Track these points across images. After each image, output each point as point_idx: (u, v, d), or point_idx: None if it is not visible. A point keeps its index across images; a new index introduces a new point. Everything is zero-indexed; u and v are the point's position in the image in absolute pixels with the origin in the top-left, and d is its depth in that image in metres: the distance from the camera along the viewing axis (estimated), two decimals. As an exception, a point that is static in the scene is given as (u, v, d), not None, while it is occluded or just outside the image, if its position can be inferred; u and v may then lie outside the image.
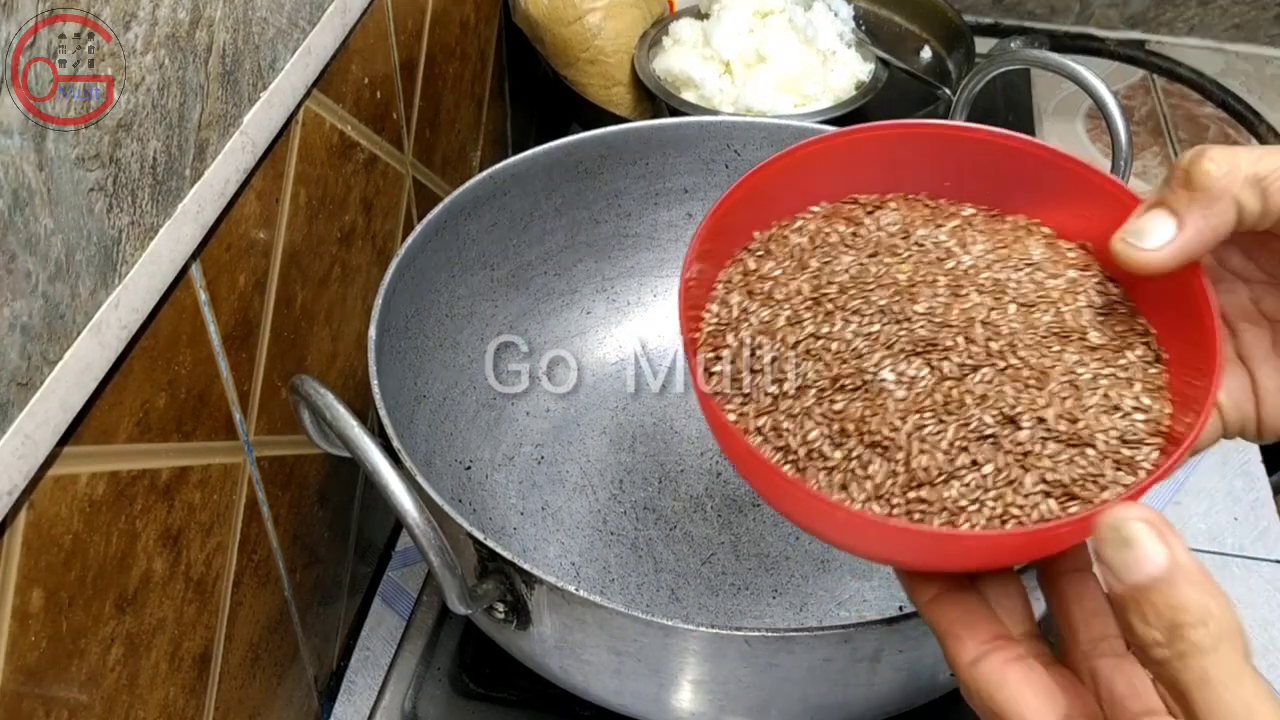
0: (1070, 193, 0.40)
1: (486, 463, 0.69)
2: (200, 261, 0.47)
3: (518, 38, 0.90)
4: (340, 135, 0.61)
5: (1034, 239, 0.41)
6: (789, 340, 0.38)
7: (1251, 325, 0.39)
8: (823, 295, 0.39)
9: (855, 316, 0.38)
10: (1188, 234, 0.33)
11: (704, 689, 0.49)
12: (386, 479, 0.43)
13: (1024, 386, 0.36)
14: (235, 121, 0.48)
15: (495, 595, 0.48)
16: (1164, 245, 0.34)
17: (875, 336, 0.37)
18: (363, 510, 0.71)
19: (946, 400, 0.36)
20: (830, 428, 0.36)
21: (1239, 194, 0.33)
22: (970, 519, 0.34)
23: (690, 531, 0.67)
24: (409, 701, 0.62)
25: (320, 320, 0.61)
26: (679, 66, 0.88)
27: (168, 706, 0.49)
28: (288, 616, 0.61)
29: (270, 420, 0.55)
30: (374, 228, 0.67)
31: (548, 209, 0.70)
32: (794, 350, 0.38)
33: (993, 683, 0.32)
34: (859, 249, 0.41)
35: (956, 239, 0.41)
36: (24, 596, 0.38)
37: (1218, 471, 0.80)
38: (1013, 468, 0.34)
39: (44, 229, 0.36)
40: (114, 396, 0.42)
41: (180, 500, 0.48)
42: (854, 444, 0.35)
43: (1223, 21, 1.16)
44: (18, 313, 0.36)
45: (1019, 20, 1.20)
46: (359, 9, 0.60)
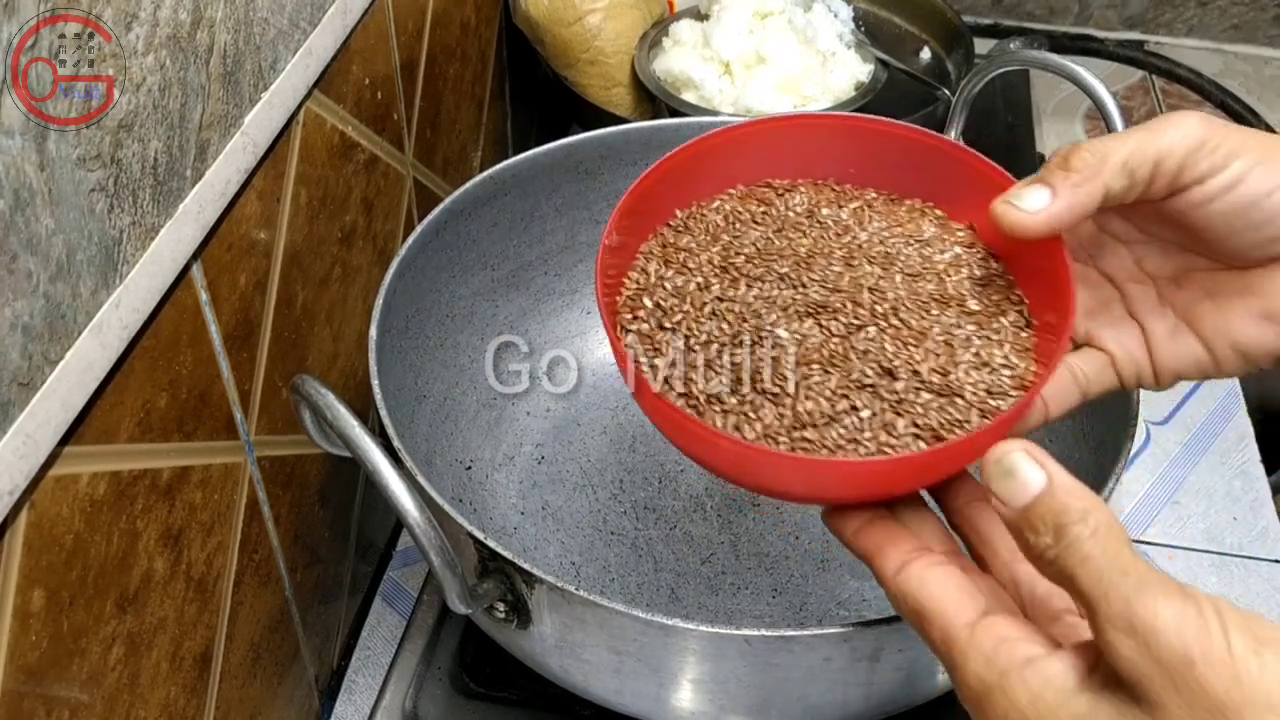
0: (963, 181, 0.45)
1: (487, 462, 0.69)
2: (201, 261, 0.47)
3: (518, 39, 0.90)
4: (341, 136, 0.61)
5: (926, 219, 0.46)
6: (696, 302, 0.43)
7: (1137, 284, 0.43)
8: (730, 264, 0.44)
9: (758, 283, 0.43)
10: (1058, 205, 0.38)
11: (704, 688, 0.49)
12: (387, 479, 0.43)
13: (903, 344, 0.41)
14: (236, 122, 0.48)
15: (495, 595, 0.48)
16: (1039, 210, 0.38)
17: (774, 300, 0.42)
18: (363, 510, 0.71)
19: (832, 355, 0.40)
20: (729, 377, 0.40)
21: (1107, 178, 0.38)
22: (848, 455, 0.38)
23: (690, 531, 0.67)
24: (409, 701, 0.62)
25: (321, 320, 0.61)
26: (679, 67, 0.88)
27: (168, 706, 0.49)
28: (288, 616, 0.61)
29: (271, 420, 0.55)
30: (375, 228, 0.68)
31: (548, 209, 0.71)
32: (701, 311, 0.42)
33: (914, 582, 0.36)
34: (767, 225, 0.46)
35: (856, 218, 0.46)
36: (25, 596, 0.38)
37: (1216, 471, 0.80)
38: (888, 413, 0.39)
39: (45, 229, 0.37)
40: (115, 396, 0.42)
41: (181, 500, 0.48)
42: (748, 391, 0.40)
43: (1221, 22, 1.16)
44: (19, 313, 0.36)
45: (1018, 21, 1.20)
46: (360, 10, 0.60)
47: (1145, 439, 0.83)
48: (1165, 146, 0.38)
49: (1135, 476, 0.80)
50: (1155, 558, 0.75)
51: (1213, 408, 0.85)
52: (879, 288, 0.42)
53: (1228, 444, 0.82)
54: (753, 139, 0.47)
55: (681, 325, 0.42)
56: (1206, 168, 0.38)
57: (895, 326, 0.41)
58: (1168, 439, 0.83)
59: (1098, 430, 0.59)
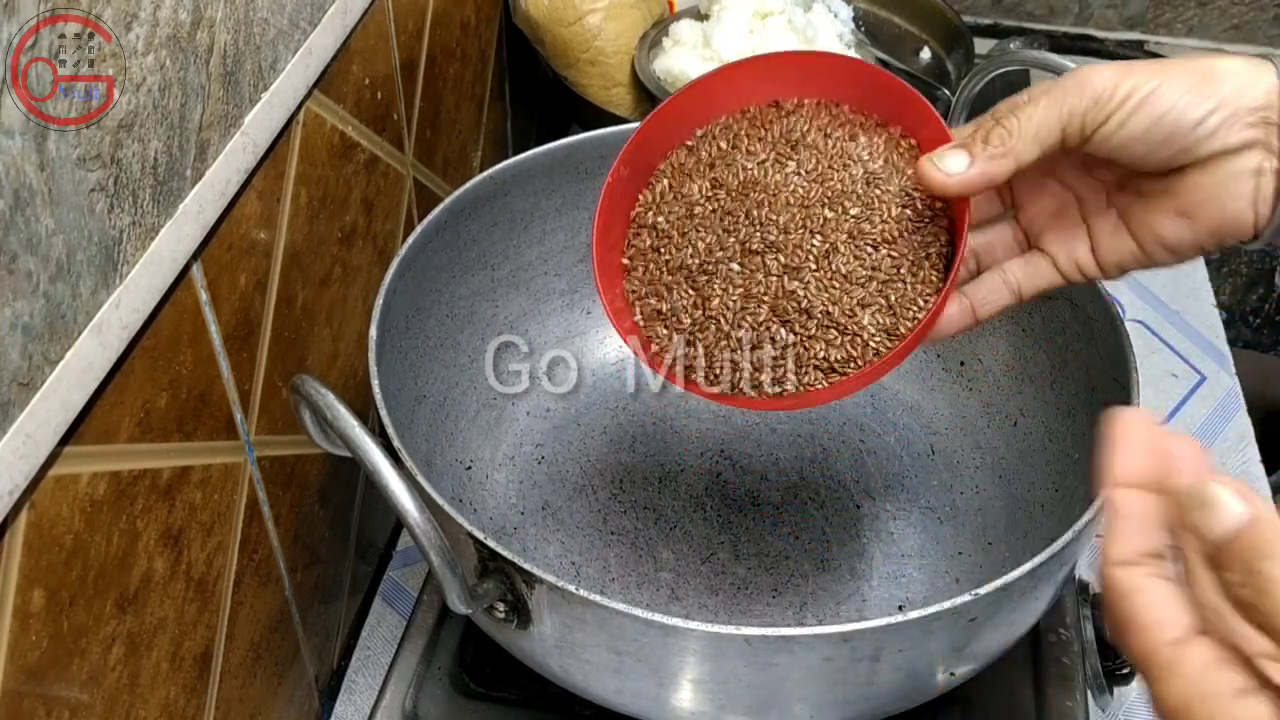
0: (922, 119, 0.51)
1: (487, 462, 0.69)
2: (201, 261, 0.47)
3: (518, 39, 0.90)
4: (341, 136, 0.61)
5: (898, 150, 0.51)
6: (682, 229, 0.51)
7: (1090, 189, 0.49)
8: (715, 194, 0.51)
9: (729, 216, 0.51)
10: (973, 172, 0.45)
11: (704, 688, 0.49)
12: (387, 479, 0.43)
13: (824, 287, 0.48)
14: (236, 122, 0.48)
15: (495, 595, 0.48)
16: (955, 174, 0.45)
17: (738, 234, 0.50)
18: (363, 510, 0.71)
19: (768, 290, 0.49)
20: (688, 300, 0.50)
21: (1019, 152, 0.45)
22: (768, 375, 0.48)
23: (690, 531, 0.67)
24: (409, 701, 0.62)
25: (321, 320, 0.61)
26: (679, 67, 0.88)
27: (168, 706, 0.49)
28: (288, 616, 0.61)
29: (271, 420, 0.55)
30: (375, 228, 0.68)
31: (548, 209, 0.71)
32: (684, 238, 0.51)
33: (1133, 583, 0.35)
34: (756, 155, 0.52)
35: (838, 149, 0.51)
36: (25, 596, 0.38)
37: (1217, 471, 0.80)
38: (798, 346, 0.48)
39: (45, 229, 0.37)
40: (115, 396, 0.42)
41: (181, 500, 0.48)
42: (700, 314, 0.49)
43: (1221, 22, 1.16)
44: (19, 313, 0.36)
45: (1018, 21, 1.20)
46: (360, 10, 0.60)
47: (1145, 439, 0.83)
48: (1067, 113, 0.44)
49: (1135, 476, 0.80)
50: (1155, 558, 0.75)
51: (1213, 408, 0.85)
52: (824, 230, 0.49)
53: (1228, 444, 0.82)
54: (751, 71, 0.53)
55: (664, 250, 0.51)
56: (1106, 114, 0.44)
57: (825, 270, 0.49)
58: (1168, 439, 0.83)
59: (1098, 430, 0.59)
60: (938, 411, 0.72)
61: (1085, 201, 0.50)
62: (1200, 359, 0.89)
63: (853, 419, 0.73)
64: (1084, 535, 0.49)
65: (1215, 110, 0.43)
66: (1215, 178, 0.45)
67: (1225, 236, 0.46)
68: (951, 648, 0.49)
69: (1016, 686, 0.62)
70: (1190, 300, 0.94)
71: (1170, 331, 0.91)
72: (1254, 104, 0.43)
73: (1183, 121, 0.43)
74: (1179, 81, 0.44)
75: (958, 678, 0.52)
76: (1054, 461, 0.63)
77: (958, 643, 0.49)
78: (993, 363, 0.70)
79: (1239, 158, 0.44)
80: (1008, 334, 0.68)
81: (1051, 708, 0.61)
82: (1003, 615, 0.49)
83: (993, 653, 0.53)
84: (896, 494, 0.69)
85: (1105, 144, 0.45)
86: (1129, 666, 0.63)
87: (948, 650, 0.49)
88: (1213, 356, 0.89)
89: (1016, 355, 0.68)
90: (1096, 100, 0.44)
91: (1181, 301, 0.94)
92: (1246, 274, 1.23)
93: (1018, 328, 0.68)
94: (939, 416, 0.72)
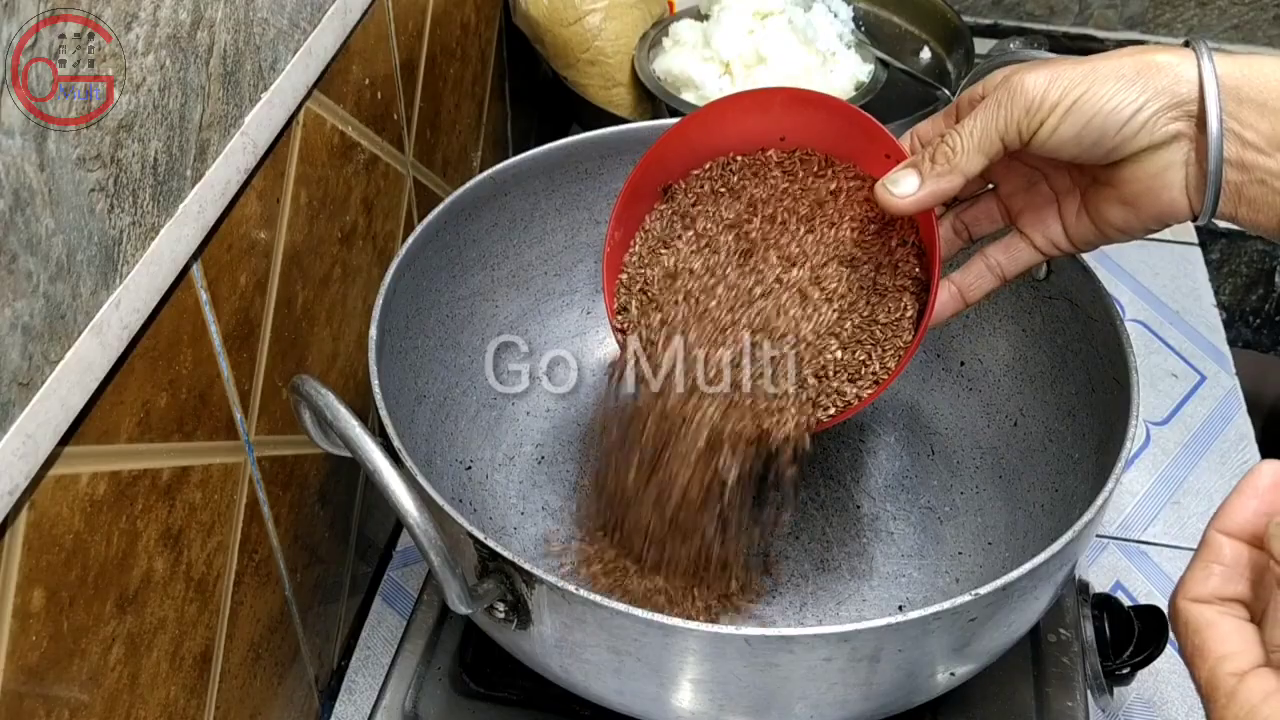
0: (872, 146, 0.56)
1: (487, 462, 0.69)
2: (201, 262, 0.47)
3: (518, 39, 0.90)
4: (341, 136, 0.61)
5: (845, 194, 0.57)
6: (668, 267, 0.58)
7: (1055, 170, 0.52)
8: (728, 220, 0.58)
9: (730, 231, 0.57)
10: (923, 192, 0.49)
11: (704, 688, 0.49)
12: (387, 479, 0.43)
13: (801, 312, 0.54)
14: (236, 122, 0.48)
15: (495, 595, 0.48)
16: (907, 196, 0.49)
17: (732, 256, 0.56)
18: (363, 510, 0.71)
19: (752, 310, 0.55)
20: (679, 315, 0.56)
21: (964, 167, 0.48)
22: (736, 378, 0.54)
23: (690, 531, 0.67)
24: (409, 701, 0.62)
25: (321, 320, 0.61)
26: (679, 67, 0.88)
27: (168, 706, 0.49)
28: (288, 616, 0.61)
29: (271, 420, 0.56)
30: (375, 228, 0.68)
31: (548, 209, 0.71)
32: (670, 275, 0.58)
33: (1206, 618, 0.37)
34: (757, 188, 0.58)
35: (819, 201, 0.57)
36: (25, 596, 0.38)
37: (1217, 471, 0.80)
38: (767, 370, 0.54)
39: (45, 229, 0.37)
40: (115, 396, 0.42)
41: (181, 500, 0.48)
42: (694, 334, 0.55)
43: (1221, 22, 1.16)
44: (19, 313, 0.36)
45: (1018, 21, 1.20)
46: (360, 10, 0.60)
47: (1145, 439, 0.83)
48: (1003, 124, 0.47)
49: (1135, 476, 0.80)
50: (1155, 558, 0.75)
51: (1213, 408, 0.85)
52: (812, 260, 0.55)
53: (1228, 444, 0.82)
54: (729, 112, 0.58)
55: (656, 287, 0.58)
56: (1039, 121, 0.47)
57: (803, 296, 0.55)
58: (1168, 439, 0.83)
59: (1098, 430, 0.59)
60: (938, 411, 0.72)
61: (1051, 178, 0.53)
62: (1200, 359, 0.89)
63: (853, 419, 0.73)
64: (1084, 535, 0.49)
65: (1146, 104, 0.46)
66: (1149, 170, 0.47)
67: (1167, 220, 0.49)
68: (951, 648, 0.49)
69: (1016, 686, 0.62)
70: (1190, 300, 0.94)
71: (1170, 331, 0.91)
72: (1179, 98, 0.46)
73: (1110, 123, 0.46)
74: (1107, 82, 0.46)
75: (958, 678, 0.52)
76: (1054, 461, 0.63)
77: (958, 643, 0.49)
78: (993, 363, 0.70)
79: (1167, 150, 0.47)
80: (1008, 334, 0.68)
81: (1051, 708, 0.61)
82: (1003, 615, 0.49)
83: (993, 653, 0.53)
84: (896, 494, 0.69)
85: (1043, 147, 0.48)
86: (1129, 666, 0.63)
87: (948, 650, 0.49)
88: (1213, 356, 0.89)
89: (1016, 355, 0.68)
90: (1028, 109, 0.47)
91: (1181, 301, 0.94)
92: (1246, 274, 1.23)
93: (1018, 328, 0.68)
94: (939, 416, 0.72)
